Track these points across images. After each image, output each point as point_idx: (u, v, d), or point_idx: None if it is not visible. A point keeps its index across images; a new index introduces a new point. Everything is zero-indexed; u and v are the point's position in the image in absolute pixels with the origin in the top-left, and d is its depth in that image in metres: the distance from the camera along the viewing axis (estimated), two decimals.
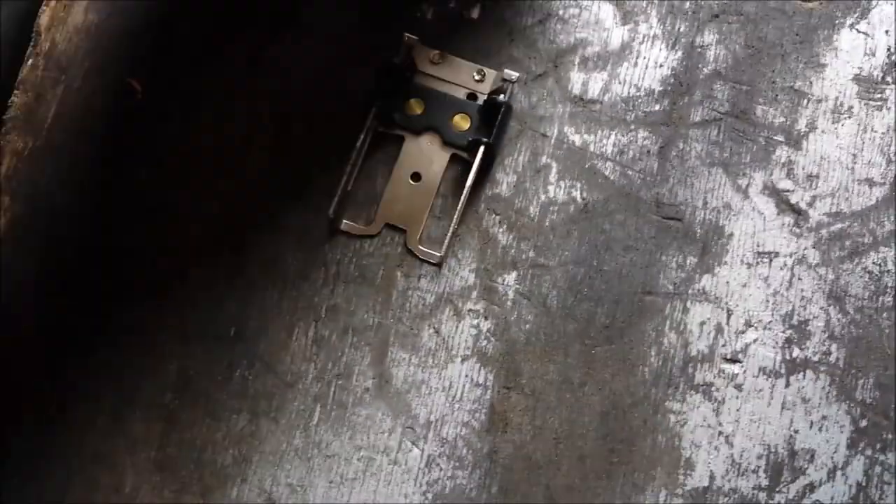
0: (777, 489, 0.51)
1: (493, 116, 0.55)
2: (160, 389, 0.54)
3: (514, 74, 0.55)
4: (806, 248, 0.55)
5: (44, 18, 0.44)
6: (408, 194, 0.56)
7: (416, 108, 0.57)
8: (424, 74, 0.57)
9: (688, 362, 0.53)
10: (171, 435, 0.53)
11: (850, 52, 0.57)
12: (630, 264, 0.55)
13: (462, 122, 0.56)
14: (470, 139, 0.56)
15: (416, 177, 0.56)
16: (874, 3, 0.57)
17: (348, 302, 0.55)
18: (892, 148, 0.55)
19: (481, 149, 0.54)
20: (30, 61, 0.45)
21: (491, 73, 0.57)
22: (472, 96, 0.57)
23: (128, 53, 0.48)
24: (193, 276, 0.55)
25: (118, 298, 0.55)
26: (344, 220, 0.56)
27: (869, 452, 0.51)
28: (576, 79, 0.57)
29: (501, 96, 0.55)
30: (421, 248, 0.55)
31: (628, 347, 0.54)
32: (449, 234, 0.54)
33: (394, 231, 0.56)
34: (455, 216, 0.54)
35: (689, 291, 0.54)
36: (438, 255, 0.55)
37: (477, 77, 0.57)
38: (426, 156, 0.56)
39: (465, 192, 0.54)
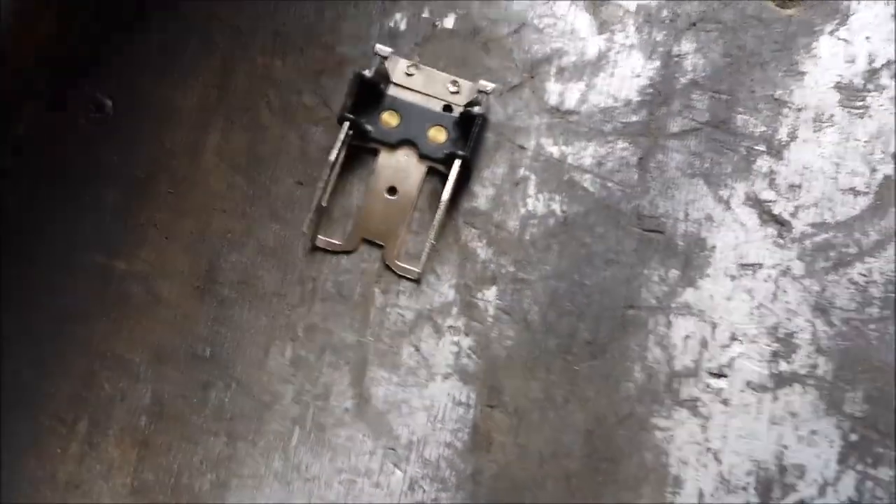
0: None
1: (469, 128, 0.54)
2: (134, 413, 0.53)
3: (489, 85, 0.54)
4: (790, 260, 0.54)
5: None
6: (384, 209, 0.55)
7: (391, 120, 0.56)
8: (398, 86, 0.56)
9: (673, 377, 0.52)
10: (147, 460, 0.52)
11: (830, 59, 0.56)
12: (612, 278, 0.54)
13: (438, 135, 0.55)
14: (446, 152, 0.55)
15: (392, 191, 0.55)
16: (853, 9, 0.57)
17: (326, 320, 0.54)
18: (875, 156, 0.55)
19: (457, 162, 0.53)
20: None
21: (466, 84, 0.56)
22: (448, 108, 0.56)
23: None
24: (165, 295, 0.54)
25: (86, 318, 0.54)
26: (319, 236, 0.55)
27: (860, 467, 0.50)
28: (552, 89, 0.57)
29: (477, 108, 0.54)
30: (399, 263, 0.54)
31: (612, 363, 0.53)
32: (427, 249, 0.53)
33: (371, 246, 0.55)
34: (432, 231, 0.53)
35: (673, 305, 0.53)
36: (417, 270, 0.54)
37: (452, 88, 0.56)
38: (402, 169, 0.55)
39: (441, 205, 0.53)
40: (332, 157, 0.53)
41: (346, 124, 0.53)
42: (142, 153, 0.56)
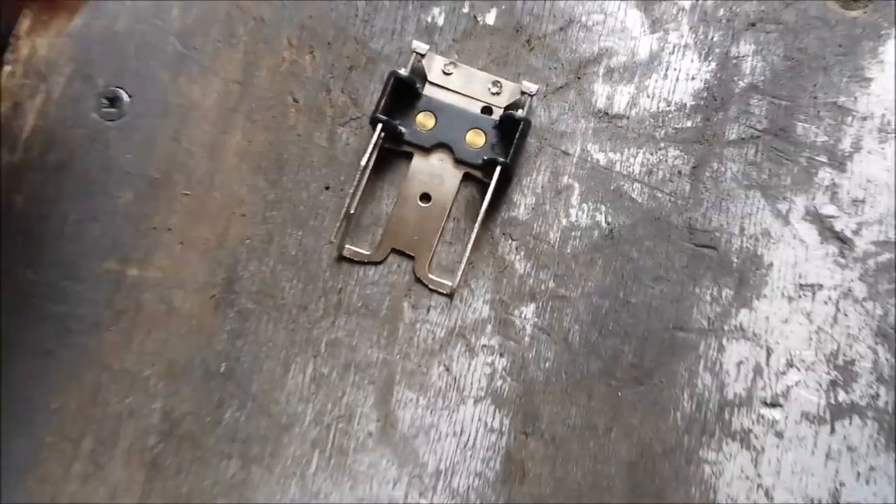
0: None
1: (511, 133, 0.50)
2: (143, 432, 0.49)
3: (533, 87, 0.50)
4: (852, 281, 0.50)
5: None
6: (416, 217, 0.51)
7: (427, 122, 0.52)
8: (435, 86, 0.52)
9: (724, 406, 0.48)
10: (155, 482, 0.48)
11: None
12: (660, 297, 0.50)
13: (476, 139, 0.52)
14: (485, 158, 0.51)
15: (425, 198, 0.51)
16: None
17: (350, 335, 0.50)
18: None
19: (498, 169, 0.49)
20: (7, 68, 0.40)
21: (508, 85, 0.52)
22: (488, 110, 0.52)
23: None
24: (179, 305, 0.50)
25: (94, 328, 0.50)
26: (346, 246, 0.51)
27: None
28: (600, 91, 0.52)
29: (520, 111, 0.50)
30: (431, 276, 0.50)
31: (658, 389, 0.49)
32: (463, 262, 0.49)
33: (401, 257, 0.51)
34: (469, 242, 0.49)
35: (725, 327, 0.49)
36: (450, 284, 0.50)
37: (493, 89, 0.52)
38: (437, 175, 0.51)
39: (479, 215, 0.49)
40: (364, 161, 0.49)
41: (380, 126, 0.49)
42: (157, 152, 0.53)
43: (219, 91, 0.53)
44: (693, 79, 0.53)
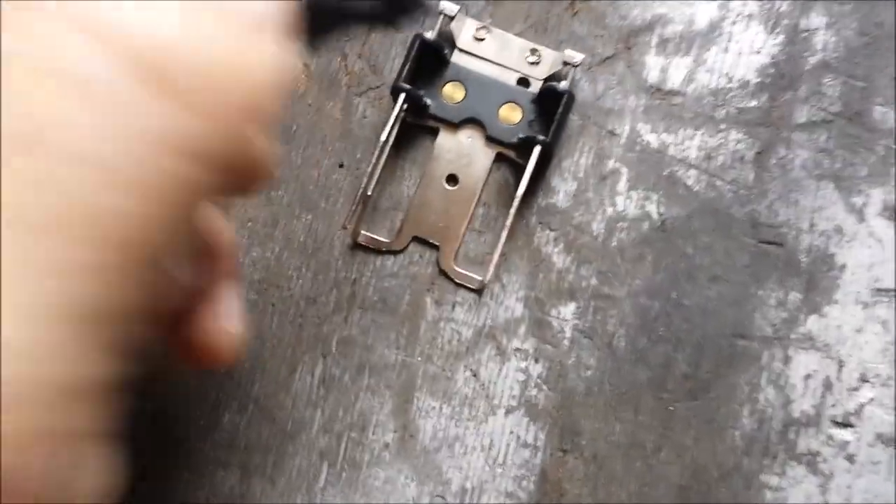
0: None
1: (552, 108, 0.44)
2: (129, 435, 0.43)
3: (577, 56, 0.44)
4: None
5: None
6: (442, 201, 0.45)
7: (455, 94, 0.46)
8: (465, 53, 0.46)
9: (789, 425, 0.43)
10: (142, 493, 0.43)
11: None
12: (718, 299, 0.44)
13: (511, 114, 0.46)
14: (521, 136, 0.45)
15: (452, 180, 0.45)
16: None
17: (365, 333, 0.44)
18: None
19: (537, 149, 0.43)
20: None
21: (548, 54, 0.46)
22: (524, 82, 0.46)
23: None
24: None
25: None
26: (362, 232, 0.45)
27: None
28: (653, 64, 0.46)
29: (562, 83, 0.44)
30: (457, 269, 0.44)
31: (715, 404, 0.43)
32: (496, 254, 0.43)
33: (424, 247, 0.45)
34: (503, 231, 0.43)
35: (792, 336, 0.43)
36: (480, 278, 0.44)
37: (531, 58, 0.46)
38: (466, 154, 0.45)
39: (515, 201, 0.43)
40: (384, 136, 0.43)
41: (402, 96, 0.43)
42: None
43: None
44: (758, 53, 0.46)
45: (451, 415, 0.43)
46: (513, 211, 0.43)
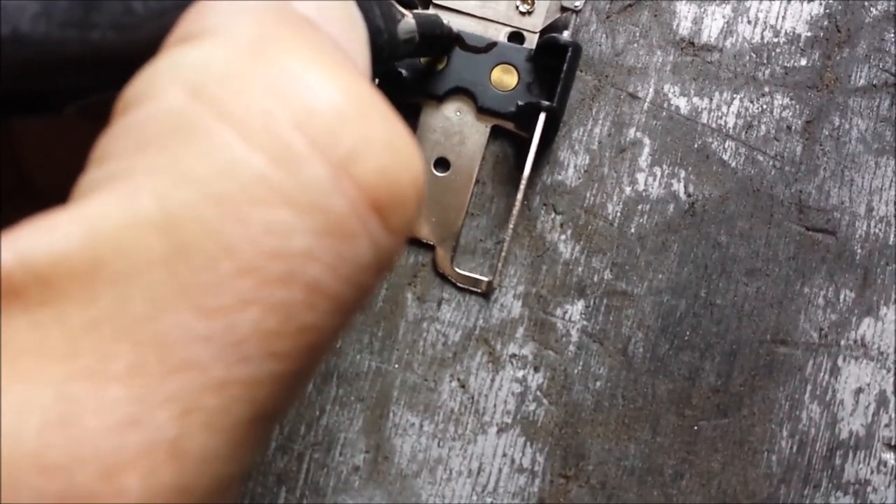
0: None
1: (554, 66, 0.36)
2: None
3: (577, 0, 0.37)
4: None
5: None
6: (433, 191, 0.38)
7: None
8: (442, 9, 0.38)
9: (835, 449, 0.36)
10: None
11: None
12: (756, 297, 0.37)
13: (505, 78, 0.38)
14: (520, 103, 0.37)
15: (442, 164, 0.38)
16: None
17: None
18: None
19: (542, 116, 0.35)
20: None
21: (542, 1, 0.38)
22: (517, 37, 0.38)
23: None
24: None
25: None
26: None
27: None
28: (683, 12, 0.38)
29: (564, 34, 0.36)
30: (459, 270, 0.37)
31: (748, 423, 0.36)
32: (505, 246, 0.36)
33: (412, 243, 0.38)
34: (511, 219, 0.36)
35: (842, 342, 0.36)
36: (487, 279, 0.37)
37: (522, 7, 0.38)
38: (455, 132, 0.38)
39: (522, 182, 0.35)
40: None
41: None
42: None
43: None
44: (810, 0, 0.38)
45: (433, 433, 0.36)
46: (520, 195, 0.35)
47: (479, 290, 0.37)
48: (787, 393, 0.36)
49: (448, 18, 0.38)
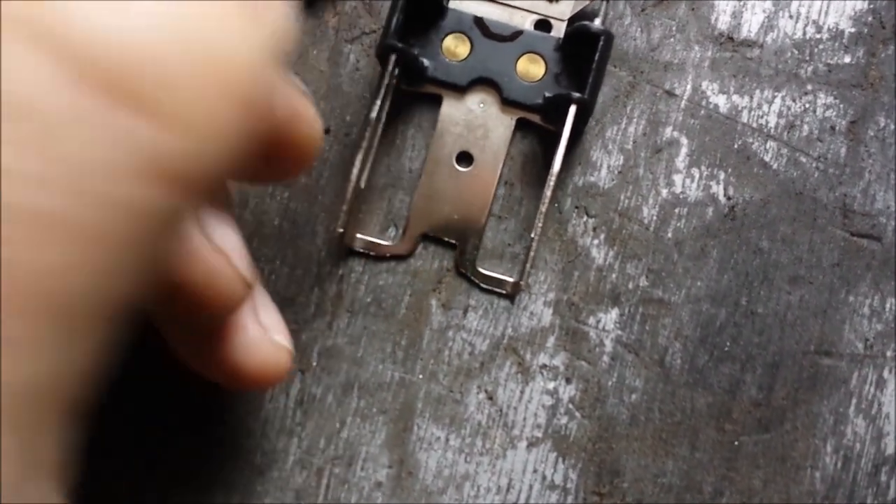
0: None
1: (584, 56, 0.34)
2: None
3: None
4: None
5: None
6: (455, 187, 0.36)
7: (458, 49, 0.36)
8: None
9: (881, 465, 0.34)
10: None
11: None
12: (799, 306, 0.35)
13: (532, 68, 0.36)
14: (548, 95, 0.35)
15: (465, 159, 0.36)
16: None
17: (354, 344, 0.35)
18: None
19: (572, 109, 0.34)
20: None
21: None
22: (545, 24, 0.36)
23: None
24: None
25: None
26: (357, 235, 0.36)
27: None
28: (722, 6, 0.37)
29: (595, 22, 0.35)
30: (483, 271, 0.35)
31: (791, 438, 0.34)
32: (533, 247, 0.34)
33: (434, 243, 0.36)
34: (538, 220, 0.34)
35: (889, 353, 0.35)
36: (512, 280, 0.35)
37: None
38: (479, 125, 0.36)
39: (550, 180, 0.34)
40: (374, 112, 0.33)
41: (393, 58, 0.34)
42: None
43: None
44: None
45: (459, 447, 0.34)
46: (548, 193, 0.33)
47: (505, 292, 0.35)
48: (831, 407, 0.34)
49: (471, 5, 0.36)
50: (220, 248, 0.25)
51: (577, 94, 0.34)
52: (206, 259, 0.25)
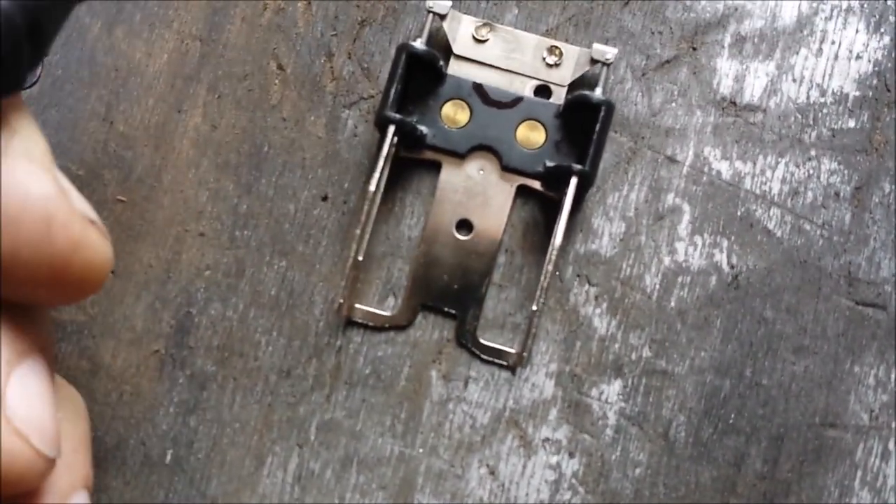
0: None
1: (584, 124, 0.34)
2: None
3: (608, 51, 0.34)
4: None
5: None
6: (455, 255, 0.35)
7: (458, 116, 0.36)
8: (465, 60, 0.36)
9: None
10: None
11: None
12: (804, 377, 0.34)
13: (532, 135, 0.36)
14: (549, 164, 0.35)
15: (465, 226, 0.35)
16: None
17: (353, 417, 0.35)
18: None
19: (573, 181, 0.33)
20: None
21: (571, 51, 0.36)
22: (545, 90, 0.36)
23: None
24: (108, 362, 0.35)
25: None
26: (357, 305, 0.35)
27: None
28: (725, 70, 0.36)
29: (597, 91, 0.34)
30: (484, 342, 0.35)
31: None
32: (535, 321, 0.33)
33: (434, 312, 0.35)
34: (543, 287, 0.33)
35: (894, 425, 0.34)
36: (514, 351, 0.35)
37: (549, 58, 0.36)
38: (479, 192, 0.35)
39: (551, 250, 0.33)
40: (373, 184, 0.33)
41: (391, 129, 0.33)
42: (80, 136, 0.36)
43: (171, 50, 0.37)
44: (858, 58, 0.36)
45: None
46: (549, 267, 0.33)
47: (506, 364, 0.35)
48: (836, 479, 0.34)
49: (470, 70, 0.36)
50: (19, 430, 0.22)
51: (578, 166, 0.33)
52: (3, 442, 0.21)
